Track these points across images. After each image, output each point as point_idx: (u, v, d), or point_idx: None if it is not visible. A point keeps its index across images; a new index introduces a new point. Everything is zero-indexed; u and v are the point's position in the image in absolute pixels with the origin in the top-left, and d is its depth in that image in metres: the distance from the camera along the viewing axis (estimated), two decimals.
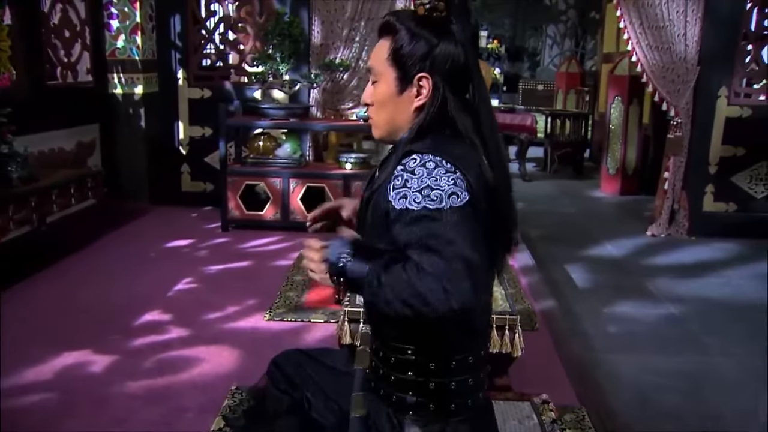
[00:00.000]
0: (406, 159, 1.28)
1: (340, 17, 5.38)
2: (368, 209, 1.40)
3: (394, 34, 1.39)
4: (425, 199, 1.22)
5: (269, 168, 4.90)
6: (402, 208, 1.24)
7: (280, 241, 4.74)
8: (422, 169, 1.25)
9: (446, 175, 1.24)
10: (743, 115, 5.22)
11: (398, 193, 1.26)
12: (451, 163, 1.26)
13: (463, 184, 1.25)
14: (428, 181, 1.23)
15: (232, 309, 3.48)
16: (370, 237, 1.40)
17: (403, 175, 1.27)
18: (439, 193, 1.22)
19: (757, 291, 4.17)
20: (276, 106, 4.84)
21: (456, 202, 1.22)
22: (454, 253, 1.16)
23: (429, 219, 1.20)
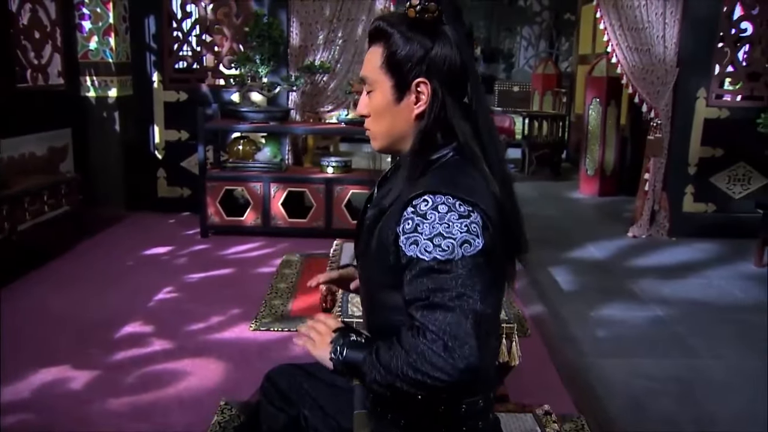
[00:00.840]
0: (417, 200, 1.21)
1: (318, 19, 5.31)
2: (372, 237, 1.33)
3: (386, 40, 1.33)
4: (436, 249, 1.17)
5: (249, 173, 4.81)
6: (413, 255, 1.19)
7: (262, 248, 4.65)
8: (434, 213, 1.19)
9: (459, 221, 1.18)
10: (721, 116, 5.26)
11: (409, 238, 1.20)
12: (465, 204, 1.20)
13: (478, 228, 1.19)
14: (440, 227, 1.18)
15: (216, 319, 3.38)
16: (372, 267, 1.34)
17: (413, 219, 1.20)
18: (451, 243, 1.16)
19: (740, 291, 4.20)
20: (256, 110, 4.74)
21: (468, 251, 1.17)
22: (461, 307, 1.13)
23: (438, 271, 1.16)
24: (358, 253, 1.45)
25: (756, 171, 5.36)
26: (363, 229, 1.43)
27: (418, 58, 1.30)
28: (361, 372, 1.24)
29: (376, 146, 1.43)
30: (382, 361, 1.20)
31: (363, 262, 1.40)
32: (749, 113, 5.12)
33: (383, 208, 1.32)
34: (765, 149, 5.22)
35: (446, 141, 1.32)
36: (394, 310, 1.31)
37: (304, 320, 3.33)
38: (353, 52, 5.34)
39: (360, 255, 1.41)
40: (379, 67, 1.34)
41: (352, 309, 2.63)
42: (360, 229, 1.50)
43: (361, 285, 1.51)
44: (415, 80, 1.31)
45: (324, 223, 4.76)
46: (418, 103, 1.33)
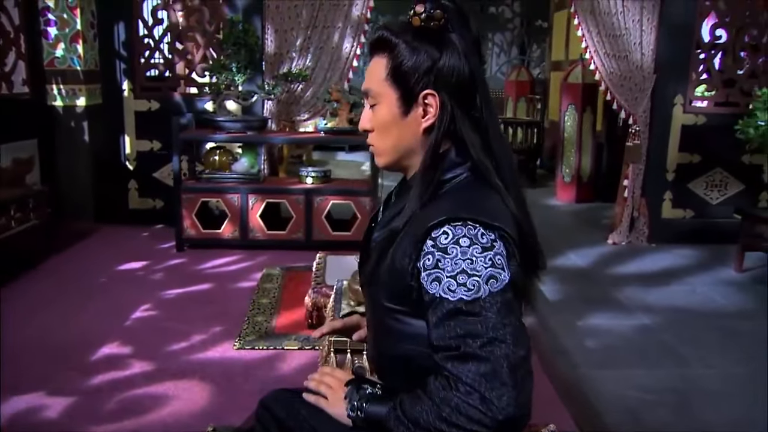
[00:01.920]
0: (437, 231, 1.14)
1: (294, 25, 5.21)
2: (383, 260, 1.25)
3: (390, 50, 1.26)
4: (461, 288, 1.10)
5: (226, 184, 4.67)
6: (435, 294, 1.12)
7: (241, 261, 4.52)
8: (455, 248, 1.12)
9: (483, 255, 1.11)
10: (698, 122, 5.29)
11: (430, 275, 1.13)
12: (487, 232, 1.13)
13: (503, 260, 1.12)
14: (463, 264, 1.11)
15: (198, 338, 3.25)
16: (381, 293, 1.26)
17: (434, 254, 1.14)
18: (476, 281, 1.10)
19: (722, 298, 4.20)
20: (232, 119, 4.62)
21: (495, 287, 1.10)
22: (494, 354, 1.06)
23: (466, 313, 1.09)
24: (365, 278, 1.36)
25: (732, 177, 5.40)
26: (370, 251, 1.35)
27: (425, 69, 1.23)
28: (385, 428, 1.18)
29: (381, 162, 1.35)
30: (409, 416, 1.13)
31: (371, 287, 1.32)
32: (725, 119, 5.14)
33: (395, 230, 1.24)
34: (741, 155, 5.28)
35: (461, 159, 1.25)
36: (404, 338, 1.24)
37: (289, 337, 3.25)
38: (330, 59, 5.25)
39: (368, 280, 1.33)
40: (384, 79, 1.27)
41: None
42: (366, 251, 1.42)
43: (367, 311, 1.42)
44: (422, 92, 1.24)
45: (304, 235, 4.65)
46: (426, 116, 1.26)
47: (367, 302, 1.40)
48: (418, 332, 1.21)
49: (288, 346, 3.15)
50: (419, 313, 1.19)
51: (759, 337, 3.57)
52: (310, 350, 3.12)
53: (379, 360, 1.38)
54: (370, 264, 1.31)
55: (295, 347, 3.15)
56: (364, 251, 1.45)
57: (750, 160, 5.31)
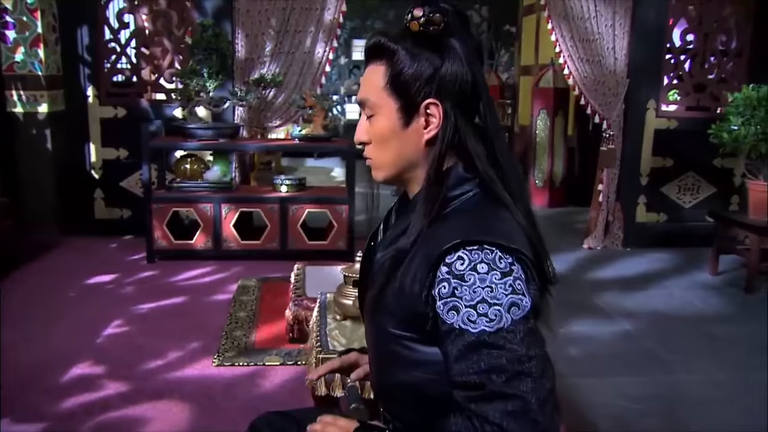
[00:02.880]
0: (451, 258, 1.07)
1: (265, 30, 5.10)
2: (388, 283, 1.17)
3: (389, 58, 1.18)
4: (482, 319, 1.03)
5: (198, 193, 4.54)
6: (454, 325, 1.05)
7: (214, 272, 4.38)
8: (473, 275, 1.05)
9: (502, 281, 1.04)
10: (670, 126, 5.33)
11: (446, 303, 1.06)
12: (505, 256, 1.06)
13: (522, 285, 1.06)
14: (483, 293, 1.04)
15: (175, 355, 3.12)
16: (387, 317, 1.18)
17: (450, 282, 1.06)
18: (498, 310, 1.03)
19: (700, 302, 4.22)
20: (204, 126, 4.49)
21: (517, 314, 1.03)
22: (520, 390, 1.00)
23: (489, 345, 1.02)
24: (369, 303, 1.26)
25: (704, 180, 5.45)
26: (373, 273, 1.26)
27: (427, 76, 1.16)
28: None
29: (379, 177, 1.27)
30: None
31: (374, 311, 1.23)
32: (696, 124, 5.20)
33: (402, 250, 1.16)
34: (712, 159, 5.34)
35: (468, 174, 1.18)
36: (414, 366, 1.16)
37: (270, 352, 3.14)
38: (302, 64, 5.16)
39: (372, 304, 1.23)
40: (382, 88, 1.19)
41: (332, 343, 2.44)
42: (367, 273, 1.33)
43: (369, 337, 1.34)
44: (424, 102, 1.17)
45: (279, 245, 4.53)
46: (428, 127, 1.18)
47: (370, 328, 1.31)
48: (429, 359, 1.13)
49: (269, 362, 3.05)
50: (430, 339, 1.12)
51: (739, 342, 3.59)
52: (293, 366, 3.02)
53: (385, 388, 1.29)
54: (374, 288, 1.23)
55: (277, 363, 3.05)
56: (364, 273, 1.37)
57: (721, 163, 5.37)
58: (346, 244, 4.56)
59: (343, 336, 2.52)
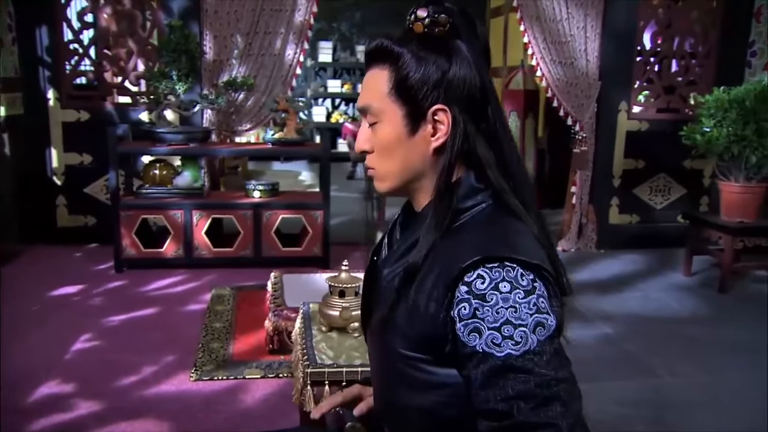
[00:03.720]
0: (470, 276, 1.00)
1: (234, 31, 4.98)
2: (399, 301, 1.10)
3: (393, 62, 1.12)
4: (507, 342, 0.96)
5: (168, 199, 4.38)
6: (477, 349, 0.98)
7: (186, 281, 4.24)
8: (495, 294, 0.98)
9: (526, 300, 0.98)
10: (642, 128, 5.37)
11: (467, 325, 0.99)
12: (527, 272, 1.00)
13: (546, 303, 0.99)
14: (507, 313, 0.97)
15: (150, 370, 2.98)
16: (397, 337, 1.11)
17: (470, 302, 0.99)
18: (524, 331, 0.96)
19: (676, 303, 4.25)
20: (174, 130, 4.34)
21: (543, 335, 0.97)
22: (550, 417, 0.94)
23: (516, 370, 0.95)
24: (377, 322, 1.19)
25: (675, 182, 5.50)
26: (380, 291, 1.19)
27: (434, 81, 1.10)
28: None
29: (383, 188, 1.19)
30: None
31: (384, 331, 1.15)
32: (667, 126, 5.25)
33: (414, 266, 1.09)
34: (683, 160, 5.39)
35: (479, 185, 1.11)
36: (428, 389, 1.09)
37: (249, 365, 3.03)
38: (272, 66, 5.05)
39: (381, 324, 1.15)
40: (387, 94, 1.12)
41: (320, 357, 2.34)
42: (372, 291, 1.26)
43: (375, 359, 1.26)
44: (431, 108, 1.10)
45: (252, 252, 4.41)
46: (436, 134, 1.11)
47: (377, 349, 1.23)
48: (445, 381, 1.07)
49: (250, 375, 2.94)
50: (446, 361, 1.06)
51: (717, 343, 3.61)
52: (275, 378, 2.92)
53: (393, 412, 1.21)
54: (382, 307, 1.15)
55: (258, 376, 2.94)
56: (368, 291, 1.30)
57: (691, 164, 5.42)
58: (322, 251, 4.46)
59: (331, 348, 2.42)
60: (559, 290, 1.12)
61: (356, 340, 2.51)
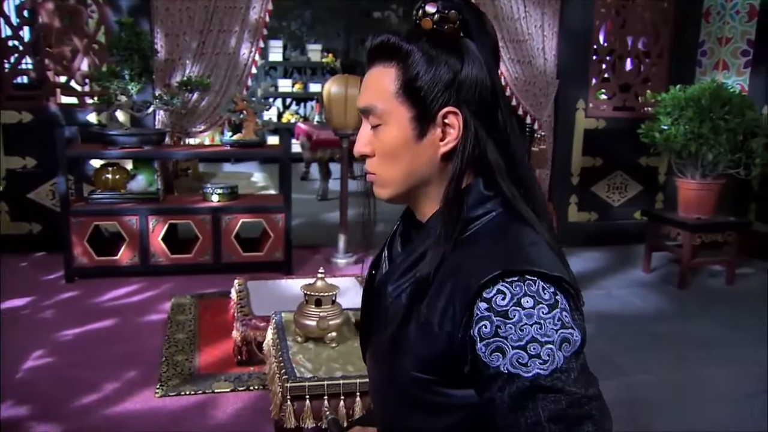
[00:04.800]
0: (489, 292, 0.94)
1: (187, 29, 4.80)
2: (410, 319, 1.03)
3: (401, 60, 1.04)
4: (534, 361, 0.90)
5: (122, 205, 4.17)
6: (502, 369, 0.92)
7: (144, 290, 4.04)
8: (517, 311, 0.92)
9: (550, 315, 0.92)
10: (599, 126, 5.41)
11: (489, 345, 0.93)
12: (548, 286, 0.94)
13: (569, 316, 0.94)
14: (532, 330, 0.91)
15: (111, 387, 2.82)
16: (406, 364, 1.03)
17: (491, 320, 0.93)
18: (551, 349, 0.91)
19: (639, 300, 4.29)
20: (127, 132, 4.14)
21: (568, 351, 0.92)
22: None
23: (545, 390, 0.90)
24: (381, 342, 1.11)
25: (632, 179, 5.57)
26: (384, 309, 1.10)
27: (446, 82, 1.02)
28: None
29: (385, 195, 1.11)
30: None
31: (391, 352, 1.06)
32: (623, 123, 5.32)
33: (423, 279, 1.01)
34: (638, 157, 5.46)
35: (489, 192, 1.05)
36: (440, 412, 1.03)
37: (218, 378, 2.89)
38: (227, 66, 4.89)
39: (388, 344, 1.07)
40: (394, 94, 1.04)
41: (298, 370, 2.24)
42: (373, 309, 1.17)
43: (379, 382, 1.18)
44: (442, 110, 1.03)
45: (212, 258, 4.24)
46: (445, 138, 1.04)
47: (381, 372, 1.15)
48: (461, 403, 1.00)
49: (219, 389, 2.81)
50: (463, 382, 0.99)
51: (682, 340, 3.66)
52: (246, 391, 2.79)
53: None
54: (388, 326, 1.07)
55: (228, 389, 2.81)
56: (369, 309, 1.21)
57: (647, 162, 5.50)
58: (284, 255, 4.34)
59: (309, 360, 2.33)
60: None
61: (334, 350, 2.43)
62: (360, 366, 2.30)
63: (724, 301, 4.32)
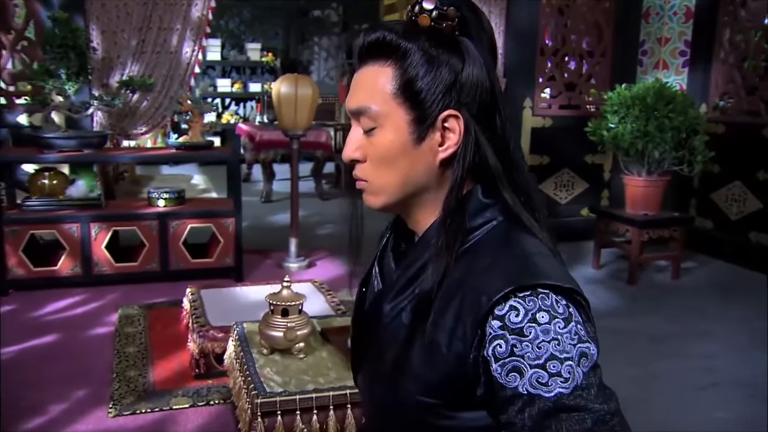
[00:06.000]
0: (502, 309, 0.88)
1: (124, 26, 4.59)
2: (414, 341, 0.96)
3: (398, 59, 0.97)
4: (555, 380, 0.85)
5: (61, 212, 3.93)
6: (520, 390, 0.87)
7: (87, 302, 3.82)
8: (533, 327, 0.87)
9: (566, 330, 0.88)
10: (545, 125, 5.47)
11: (505, 365, 0.87)
12: (561, 298, 0.90)
13: (583, 329, 0.90)
14: (550, 347, 0.86)
15: (58, 408, 2.63)
16: (411, 387, 0.96)
17: (506, 338, 0.87)
18: (571, 366, 0.86)
19: (592, 296, 4.20)
20: (65, 135, 3.91)
21: (586, 366, 0.88)
22: None
23: (568, 410, 0.85)
24: (380, 365, 1.03)
25: (578, 177, 5.65)
26: (380, 330, 1.03)
27: (447, 84, 0.96)
28: None
29: (377, 203, 1.04)
30: None
31: (393, 376, 0.99)
32: (569, 122, 5.40)
33: (425, 295, 0.95)
34: (584, 155, 5.55)
35: (489, 200, 0.99)
36: None
37: (175, 393, 2.74)
38: (168, 65, 4.71)
39: (389, 367, 0.99)
40: (392, 95, 0.97)
41: (268, 384, 2.14)
42: (366, 330, 1.09)
43: (376, 407, 1.11)
44: (442, 113, 0.96)
45: (159, 266, 4.05)
46: (444, 143, 0.98)
47: (380, 396, 1.07)
48: (471, 426, 0.95)
49: (177, 405, 2.66)
50: (472, 403, 0.93)
51: (636, 335, 3.70)
52: (206, 407, 2.66)
53: None
54: (388, 347, 1.00)
55: (186, 405, 2.66)
56: (361, 330, 1.13)
57: (592, 159, 5.59)
58: (234, 261, 4.19)
59: (278, 374, 2.23)
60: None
61: (303, 362, 2.33)
62: (331, 378, 2.22)
63: (671, 296, 4.42)
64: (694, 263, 5.05)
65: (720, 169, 5.14)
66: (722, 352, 3.48)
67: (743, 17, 5.12)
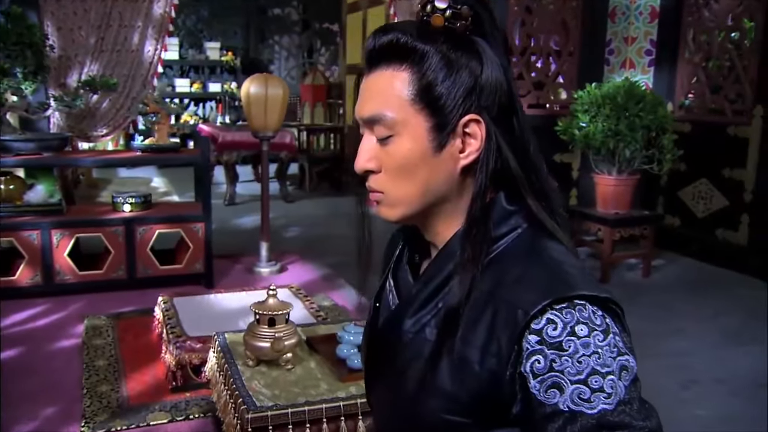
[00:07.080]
0: (539, 323, 0.83)
1: (82, 24, 4.43)
2: (438, 362, 0.90)
3: (415, 63, 0.90)
4: (598, 396, 0.80)
5: (19, 218, 3.74)
6: (561, 407, 0.81)
7: (50, 312, 3.63)
8: (573, 341, 0.82)
9: (605, 342, 0.83)
10: None
11: (543, 381, 0.82)
12: (597, 309, 0.84)
13: (620, 339, 0.84)
14: (591, 361, 0.81)
15: (27, 428, 2.48)
16: (436, 406, 0.90)
17: (545, 353, 0.82)
18: (612, 380, 0.81)
19: None
20: (23, 138, 3.71)
21: (627, 379, 0.83)
22: None
23: (613, 427, 0.80)
24: (403, 384, 0.95)
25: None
26: (401, 346, 0.96)
27: (467, 87, 0.90)
28: None
29: (394, 215, 0.97)
30: None
31: (419, 395, 0.93)
32: (538, 121, 5.38)
33: (455, 309, 0.89)
34: (553, 154, 5.55)
35: (513, 207, 0.94)
36: None
37: (151, 408, 2.61)
38: (130, 64, 4.55)
39: (414, 386, 0.93)
40: (409, 101, 0.91)
41: (257, 398, 2.03)
42: (382, 345, 1.03)
43: (396, 427, 1.02)
44: (462, 119, 0.90)
45: (126, 273, 3.89)
46: (465, 150, 0.92)
47: (398, 416, 0.99)
48: None
49: (154, 421, 2.54)
50: (501, 422, 0.88)
51: None
52: (185, 421, 2.54)
53: None
54: (412, 363, 0.93)
55: (165, 420, 2.54)
56: (376, 347, 1.05)
57: (561, 158, 5.61)
58: (204, 267, 4.05)
59: (266, 386, 2.12)
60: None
61: (292, 373, 2.23)
62: (322, 389, 2.13)
63: (643, 294, 4.44)
64: (663, 261, 5.10)
65: (686, 167, 5.22)
66: (697, 350, 3.51)
67: (707, 17, 5.21)
